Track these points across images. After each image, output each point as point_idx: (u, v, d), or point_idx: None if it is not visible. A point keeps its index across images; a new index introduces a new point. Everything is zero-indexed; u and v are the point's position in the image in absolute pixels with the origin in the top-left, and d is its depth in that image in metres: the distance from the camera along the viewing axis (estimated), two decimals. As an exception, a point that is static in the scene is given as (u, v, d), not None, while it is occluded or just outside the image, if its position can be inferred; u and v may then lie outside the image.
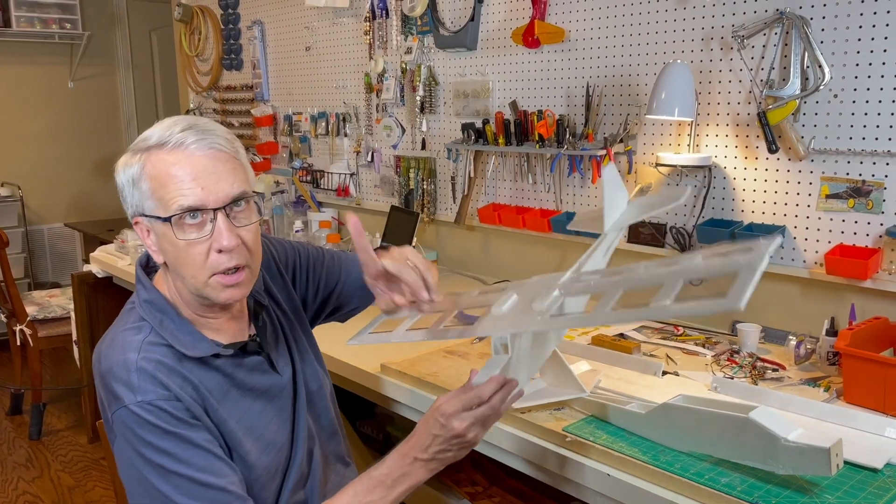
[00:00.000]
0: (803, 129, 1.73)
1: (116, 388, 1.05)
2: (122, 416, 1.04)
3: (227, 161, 1.07)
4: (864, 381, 1.38)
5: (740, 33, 1.76)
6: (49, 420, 3.60)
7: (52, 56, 5.34)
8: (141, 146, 1.07)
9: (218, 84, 3.92)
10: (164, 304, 1.13)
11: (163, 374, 1.06)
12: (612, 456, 1.23)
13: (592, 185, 2.16)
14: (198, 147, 1.05)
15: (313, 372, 1.30)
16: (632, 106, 2.05)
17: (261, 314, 1.23)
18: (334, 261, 1.40)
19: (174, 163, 1.04)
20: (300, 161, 3.35)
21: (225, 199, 1.06)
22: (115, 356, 1.07)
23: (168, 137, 1.05)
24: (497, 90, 2.42)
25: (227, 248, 1.05)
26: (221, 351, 1.12)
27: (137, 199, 1.07)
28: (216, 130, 1.08)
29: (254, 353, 1.19)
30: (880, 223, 1.63)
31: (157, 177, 1.05)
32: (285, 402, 1.22)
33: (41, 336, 3.45)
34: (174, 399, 1.05)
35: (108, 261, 2.98)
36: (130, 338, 1.09)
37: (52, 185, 5.40)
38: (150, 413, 1.03)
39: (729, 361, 1.62)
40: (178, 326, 1.12)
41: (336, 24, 3.05)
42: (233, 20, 3.68)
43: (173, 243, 1.06)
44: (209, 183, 1.04)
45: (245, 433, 1.14)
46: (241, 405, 1.15)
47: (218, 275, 1.07)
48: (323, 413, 1.30)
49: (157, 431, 1.04)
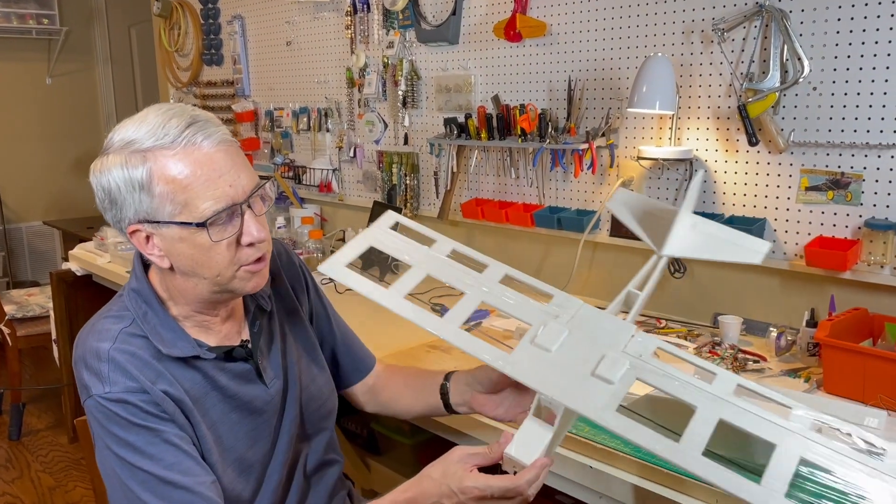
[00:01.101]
0: (783, 121, 1.74)
1: (86, 377, 1.03)
2: (91, 406, 1.02)
3: (238, 152, 1.04)
4: (844, 371, 1.39)
5: (720, 26, 1.76)
6: (29, 420, 3.56)
7: (29, 52, 5.27)
8: (136, 147, 0.99)
9: (198, 79, 3.88)
10: (152, 297, 1.08)
11: (134, 366, 1.02)
12: (594, 448, 1.23)
13: (575, 179, 2.17)
14: (210, 144, 1.00)
15: (321, 385, 1.25)
16: (613, 99, 2.05)
17: (259, 320, 1.17)
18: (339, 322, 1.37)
19: (194, 163, 0.98)
20: (282, 157, 3.33)
21: (248, 191, 1.02)
22: (90, 343, 1.04)
23: (172, 137, 0.98)
24: (479, 84, 2.42)
25: (260, 239, 1.03)
26: (202, 353, 1.08)
27: (146, 204, 0.99)
28: (213, 120, 1.03)
29: (241, 360, 1.13)
30: (859, 215, 1.64)
31: (176, 180, 0.98)
32: (268, 418, 1.15)
33: (20, 335, 3.41)
34: (143, 392, 1.01)
35: (87, 258, 2.95)
36: (109, 326, 1.06)
37: (30, 182, 5.34)
38: (117, 405, 1.00)
39: (711, 353, 1.63)
40: (162, 322, 1.07)
41: (317, 18, 3.03)
42: (213, 15, 3.64)
43: (199, 245, 1.00)
44: (234, 179, 1.01)
45: (214, 442, 1.08)
46: (218, 411, 1.09)
47: (247, 265, 1.05)
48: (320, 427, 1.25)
49: (124, 423, 1.00)
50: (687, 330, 1.82)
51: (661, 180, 1.97)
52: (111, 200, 1.02)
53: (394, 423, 2.06)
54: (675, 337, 1.77)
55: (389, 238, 1.16)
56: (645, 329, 1.83)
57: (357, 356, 1.37)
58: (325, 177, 3.08)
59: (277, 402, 1.16)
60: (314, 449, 1.25)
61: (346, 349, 1.36)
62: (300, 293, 1.29)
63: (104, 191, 1.02)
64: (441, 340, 1.79)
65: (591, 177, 2.13)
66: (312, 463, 1.24)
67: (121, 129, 1.01)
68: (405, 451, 2.05)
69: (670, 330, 1.82)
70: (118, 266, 2.72)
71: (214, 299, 1.08)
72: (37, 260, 5.41)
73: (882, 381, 1.34)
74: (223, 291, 1.07)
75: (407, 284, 1.12)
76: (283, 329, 1.22)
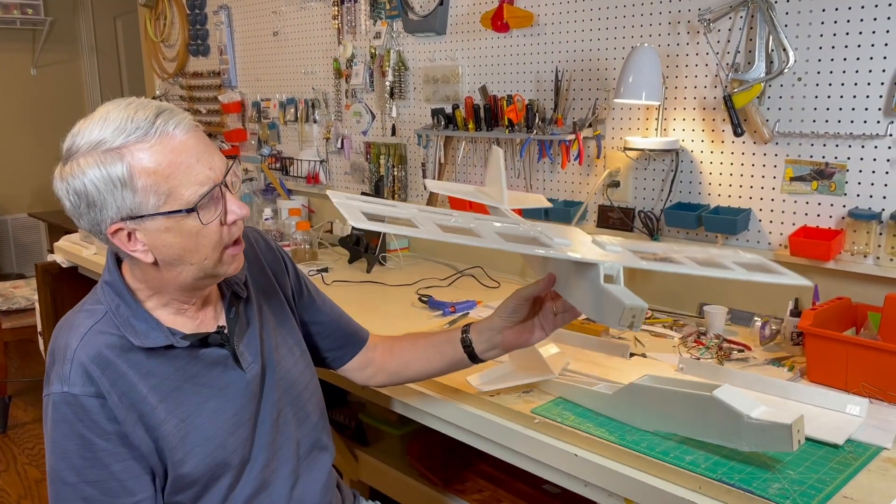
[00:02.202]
0: (768, 112, 1.74)
1: (51, 372, 1.04)
2: (46, 402, 1.04)
3: (203, 135, 1.05)
4: (827, 359, 1.40)
5: (706, 17, 1.77)
6: (15, 413, 3.54)
7: (13, 42, 5.22)
8: (108, 146, 0.97)
9: (184, 70, 3.85)
10: (124, 289, 1.09)
11: (97, 367, 1.02)
12: (579, 436, 1.24)
13: (562, 170, 2.17)
14: (181, 131, 1.00)
15: (300, 370, 1.25)
16: (600, 90, 2.06)
17: (235, 306, 1.18)
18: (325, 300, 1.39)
19: (172, 152, 0.99)
20: (269, 148, 3.31)
21: (223, 171, 1.04)
22: (62, 337, 1.06)
23: (144, 130, 0.98)
24: (467, 75, 2.41)
25: (243, 215, 1.06)
26: (176, 342, 1.08)
27: (129, 200, 0.98)
28: (175, 108, 1.04)
29: (217, 346, 1.13)
30: (843, 205, 1.65)
31: (157, 170, 0.98)
32: (246, 402, 1.15)
33: (5, 328, 3.39)
34: (100, 397, 1.02)
35: (72, 250, 2.93)
36: (82, 320, 1.06)
37: (14, 174, 5.29)
38: (67, 406, 1.01)
39: (696, 343, 1.64)
40: (134, 313, 1.07)
41: (304, 8, 3.02)
42: (199, 5, 3.61)
43: (187, 232, 1.01)
44: (210, 161, 1.02)
45: (188, 434, 1.08)
46: (192, 402, 1.09)
47: (230, 247, 1.07)
48: (306, 411, 1.25)
49: (65, 428, 1.02)
50: (673, 320, 1.82)
51: (647, 171, 1.98)
52: (88, 203, 1.00)
53: (382, 413, 2.06)
54: (661, 326, 1.78)
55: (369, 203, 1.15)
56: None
57: (348, 330, 1.39)
58: (313, 168, 3.07)
59: (255, 387, 1.17)
60: (304, 435, 1.25)
61: (337, 325, 1.37)
62: (281, 276, 1.30)
63: (78, 195, 1.00)
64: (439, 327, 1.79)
65: (578, 167, 2.13)
66: (303, 449, 1.24)
67: (83, 131, 1.00)
68: (393, 441, 2.06)
69: (656, 320, 1.83)
70: (103, 258, 2.69)
71: (196, 286, 1.09)
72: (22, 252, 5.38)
73: (864, 370, 1.35)
74: (207, 277, 1.07)
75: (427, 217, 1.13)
76: (262, 315, 1.23)
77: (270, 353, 1.21)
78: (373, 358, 1.39)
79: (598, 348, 1.62)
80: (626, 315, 1.03)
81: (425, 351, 1.34)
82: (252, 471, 1.15)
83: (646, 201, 2.00)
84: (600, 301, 1.07)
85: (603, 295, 1.07)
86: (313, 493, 1.24)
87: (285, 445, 1.20)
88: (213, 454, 1.10)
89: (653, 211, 1.97)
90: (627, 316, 1.03)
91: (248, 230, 1.29)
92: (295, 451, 1.22)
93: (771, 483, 1.07)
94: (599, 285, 1.07)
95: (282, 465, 1.20)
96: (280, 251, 1.33)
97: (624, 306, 1.03)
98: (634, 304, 1.03)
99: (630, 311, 1.03)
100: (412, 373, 1.37)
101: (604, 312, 1.07)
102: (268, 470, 1.17)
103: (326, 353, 1.37)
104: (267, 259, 1.29)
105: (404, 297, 2.11)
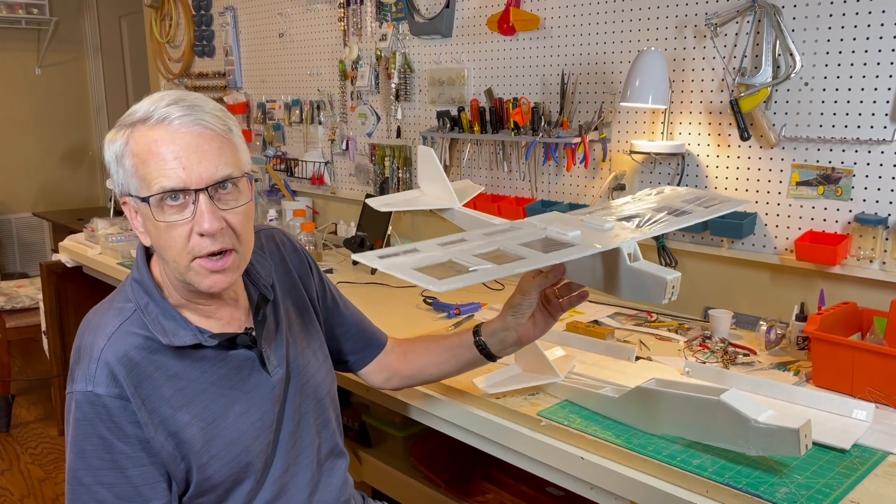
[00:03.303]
0: (775, 116, 1.74)
1: (76, 370, 1.04)
2: (69, 399, 1.04)
3: (214, 139, 1.01)
4: (833, 364, 1.40)
5: (713, 21, 1.77)
6: (18, 412, 3.54)
7: (18, 42, 5.23)
8: (127, 121, 1.02)
9: (190, 71, 3.86)
10: (152, 286, 1.08)
11: (123, 369, 1.02)
12: (585, 439, 1.24)
13: (567, 173, 2.17)
14: (182, 123, 0.99)
15: (323, 376, 1.25)
16: (606, 94, 2.06)
17: (263, 308, 1.16)
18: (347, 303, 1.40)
19: (156, 139, 0.99)
20: (274, 149, 3.32)
21: (209, 180, 1.00)
22: (90, 335, 1.05)
23: (152, 111, 1.00)
24: (472, 78, 2.42)
25: (209, 231, 1.00)
26: (204, 341, 1.07)
27: (122, 177, 1.03)
28: (205, 106, 1.02)
29: (244, 348, 1.12)
30: (849, 210, 1.65)
31: (139, 154, 1.00)
32: (270, 407, 1.13)
33: (9, 327, 3.39)
34: (123, 399, 1.02)
35: (77, 250, 2.93)
36: (111, 319, 1.06)
37: (19, 173, 5.30)
38: (90, 405, 1.01)
39: (701, 347, 1.64)
40: (163, 311, 1.07)
41: (310, 10, 3.02)
42: (204, 6, 3.62)
43: (155, 226, 1.02)
44: (192, 163, 0.99)
45: (213, 438, 1.07)
46: (218, 405, 1.08)
47: (202, 258, 1.02)
48: (326, 417, 1.25)
49: (86, 428, 1.02)
50: (678, 324, 1.82)
51: (653, 174, 1.98)
52: (111, 171, 1.06)
53: (385, 415, 2.06)
54: (666, 330, 1.78)
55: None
56: (635, 323, 1.84)
57: (368, 333, 1.39)
58: (318, 169, 3.08)
59: (280, 391, 1.16)
60: (323, 441, 1.24)
61: (359, 328, 1.38)
62: (306, 279, 1.29)
63: (107, 161, 1.06)
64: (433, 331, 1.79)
65: (583, 170, 2.13)
66: (322, 455, 1.24)
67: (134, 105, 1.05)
68: (397, 443, 2.06)
69: (661, 323, 1.83)
70: (108, 258, 2.70)
71: (187, 288, 1.08)
72: (26, 251, 5.38)
73: (870, 375, 1.35)
74: (185, 283, 1.06)
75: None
76: (289, 318, 1.22)
77: (296, 358, 1.20)
78: (389, 362, 1.39)
79: (603, 351, 1.62)
80: (668, 288, 1.07)
81: (439, 355, 1.33)
82: (272, 475, 1.15)
83: (651, 205, 2.00)
84: (635, 280, 1.11)
85: (636, 274, 1.10)
86: (331, 499, 1.23)
87: (305, 451, 1.20)
88: (237, 458, 1.09)
89: (658, 214, 1.97)
90: (669, 288, 1.07)
91: (276, 232, 1.30)
92: (315, 457, 1.22)
93: (778, 487, 1.07)
94: (628, 266, 1.11)
95: (301, 471, 1.19)
96: (305, 254, 1.32)
97: (666, 281, 1.07)
98: (673, 276, 1.07)
99: (671, 284, 1.07)
100: (427, 376, 1.37)
101: (643, 291, 1.10)
102: (287, 475, 1.17)
103: (348, 356, 1.37)
104: (293, 262, 1.28)
105: (409, 298, 2.12)
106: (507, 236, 1.12)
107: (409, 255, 1.02)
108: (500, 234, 1.13)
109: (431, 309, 2.00)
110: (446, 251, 1.04)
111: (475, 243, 1.08)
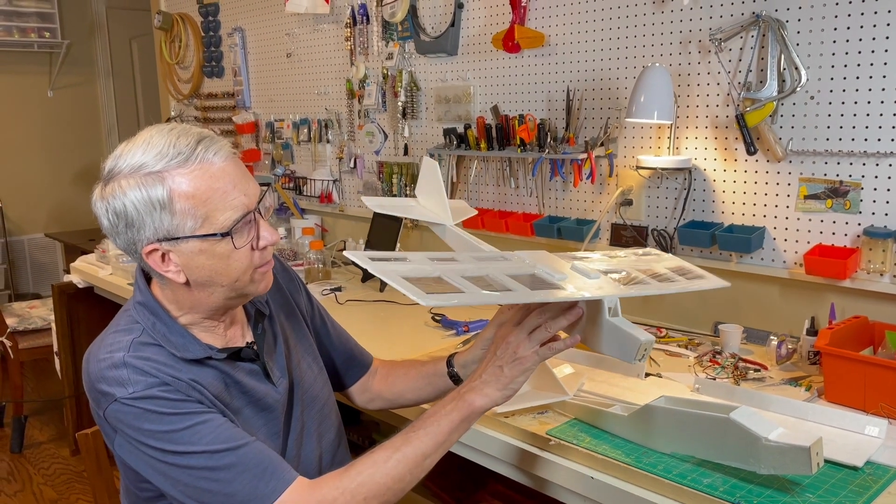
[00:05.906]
0: (781, 130, 1.74)
1: (106, 386, 1.03)
2: (115, 410, 1.02)
3: (240, 162, 1.10)
4: (845, 379, 1.39)
5: (717, 36, 1.77)
6: (31, 433, 3.55)
7: (31, 65, 5.31)
8: (149, 170, 1.02)
9: (199, 91, 3.90)
10: (157, 307, 1.11)
11: (152, 366, 1.04)
12: (595, 458, 1.23)
13: (574, 189, 2.17)
14: (220, 158, 1.05)
15: (320, 386, 1.29)
16: (612, 109, 2.06)
17: (261, 323, 1.22)
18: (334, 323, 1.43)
19: (211, 178, 1.03)
20: (283, 168, 3.34)
21: (256, 198, 1.09)
22: (103, 357, 1.05)
23: (185, 155, 1.02)
24: (478, 95, 2.43)
25: (273, 241, 1.10)
26: (214, 354, 1.11)
27: (167, 222, 1.03)
28: (215, 136, 1.08)
29: (248, 361, 1.17)
30: (858, 223, 1.65)
31: (195, 195, 1.03)
32: (277, 415, 1.18)
33: (22, 348, 3.41)
34: (165, 384, 1.03)
35: (88, 271, 2.95)
36: (119, 338, 1.08)
37: (31, 195, 5.35)
38: (144, 402, 1.01)
39: (711, 362, 1.63)
40: (171, 329, 1.10)
41: (317, 30, 3.05)
42: (213, 27, 3.66)
43: (219, 255, 1.06)
44: (246, 188, 1.07)
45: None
46: (234, 406, 1.13)
47: (260, 267, 1.11)
48: (330, 427, 1.29)
49: (155, 417, 1.01)
50: (687, 339, 1.82)
51: (660, 189, 1.98)
52: (127, 223, 1.04)
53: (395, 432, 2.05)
54: (676, 346, 1.77)
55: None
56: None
57: (354, 353, 1.43)
58: (326, 187, 3.09)
59: (285, 401, 1.20)
60: (325, 451, 1.27)
61: (344, 347, 1.42)
62: (296, 294, 1.35)
63: (117, 215, 1.04)
64: (440, 350, 1.79)
65: (590, 186, 2.14)
66: (324, 464, 1.26)
67: (125, 154, 1.04)
68: (407, 461, 2.05)
69: (671, 339, 1.82)
70: (120, 278, 2.72)
71: (227, 305, 1.13)
72: (38, 272, 5.42)
73: (883, 390, 1.33)
74: (238, 297, 1.12)
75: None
76: (285, 332, 1.27)
77: (296, 369, 1.25)
78: (372, 384, 1.43)
79: (612, 368, 1.61)
80: (641, 350, 1.08)
81: (416, 381, 1.37)
82: None
83: (659, 219, 1.99)
84: (610, 334, 1.11)
85: (612, 329, 1.11)
86: None
87: (307, 460, 1.23)
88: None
89: (666, 229, 1.97)
90: (641, 350, 1.08)
91: None
92: (317, 466, 1.24)
93: (790, 506, 1.06)
94: (607, 319, 1.11)
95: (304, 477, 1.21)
96: (292, 271, 1.37)
97: (640, 342, 1.07)
98: (647, 338, 1.08)
99: (644, 346, 1.08)
100: (406, 402, 1.41)
101: (615, 346, 1.11)
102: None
103: (333, 374, 1.40)
104: (282, 278, 1.33)
105: (418, 315, 2.12)
106: (497, 265, 1.12)
107: (399, 264, 1.03)
108: (490, 262, 1.14)
109: (440, 326, 2.00)
110: (435, 267, 1.05)
111: (465, 265, 1.09)
